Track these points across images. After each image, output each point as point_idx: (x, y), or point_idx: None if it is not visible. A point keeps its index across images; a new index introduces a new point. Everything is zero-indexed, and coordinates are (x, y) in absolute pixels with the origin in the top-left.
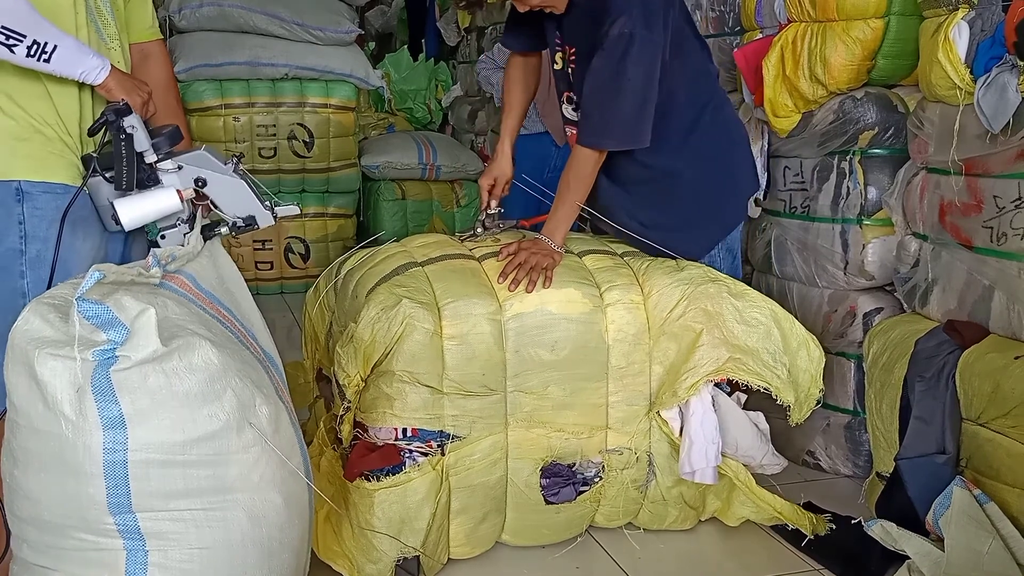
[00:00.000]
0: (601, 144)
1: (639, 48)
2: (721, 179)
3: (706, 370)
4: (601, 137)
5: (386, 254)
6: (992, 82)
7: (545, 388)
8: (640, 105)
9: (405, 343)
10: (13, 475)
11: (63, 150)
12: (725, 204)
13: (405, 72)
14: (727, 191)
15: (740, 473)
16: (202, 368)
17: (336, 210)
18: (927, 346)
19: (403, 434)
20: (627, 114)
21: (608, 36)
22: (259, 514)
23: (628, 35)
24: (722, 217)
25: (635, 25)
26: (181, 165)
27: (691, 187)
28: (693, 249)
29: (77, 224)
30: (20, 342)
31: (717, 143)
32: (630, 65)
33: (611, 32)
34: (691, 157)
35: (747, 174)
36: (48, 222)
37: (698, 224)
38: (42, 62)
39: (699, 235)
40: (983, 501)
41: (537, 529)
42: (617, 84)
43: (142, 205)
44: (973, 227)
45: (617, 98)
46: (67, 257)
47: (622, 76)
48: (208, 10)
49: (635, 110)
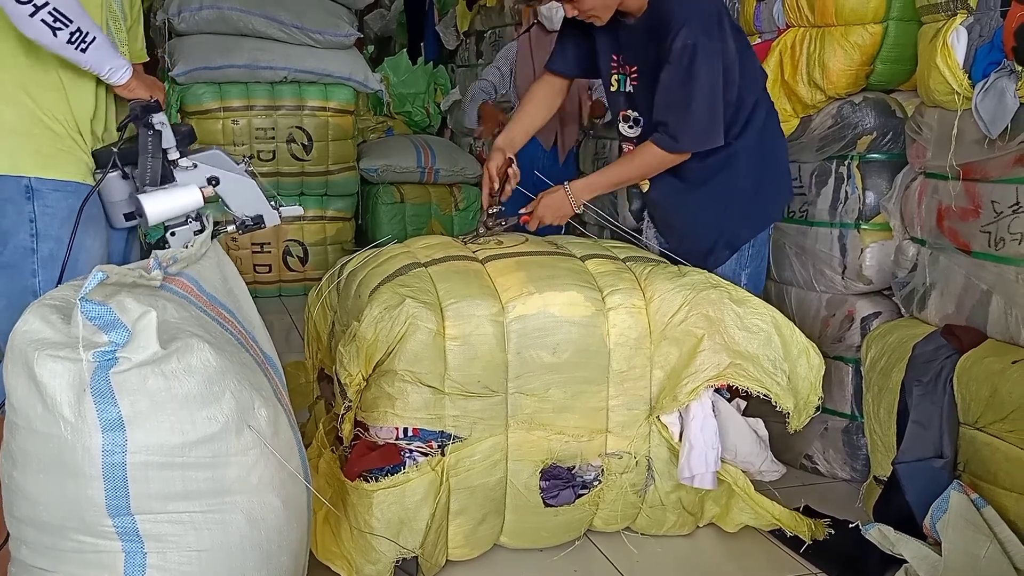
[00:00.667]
0: (679, 148)
1: (703, 55)
2: (770, 176)
3: (707, 375)
4: (679, 142)
5: (390, 254)
6: (990, 87)
7: (546, 390)
8: (711, 107)
9: (408, 343)
10: (12, 476)
11: (72, 146)
12: (767, 202)
13: (404, 76)
14: (771, 190)
15: (739, 479)
16: (200, 370)
17: (335, 213)
18: (925, 350)
19: (404, 434)
20: (700, 118)
21: (672, 50)
22: (258, 516)
23: (692, 46)
24: (762, 214)
25: (696, 35)
26: (196, 163)
27: (744, 177)
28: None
29: (88, 223)
30: (20, 344)
31: (770, 142)
32: (697, 72)
33: (675, 45)
34: (747, 147)
35: (787, 179)
36: (60, 220)
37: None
38: (79, 51)
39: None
40: (980, 505)
41: (536, 532)
42: (688, 91)
43: (167, 201)
44: (971, 232)
45: (690, 105)
46: (77, 256)
47: (691, 83)
48: (207, 13)
49: (707, 113)
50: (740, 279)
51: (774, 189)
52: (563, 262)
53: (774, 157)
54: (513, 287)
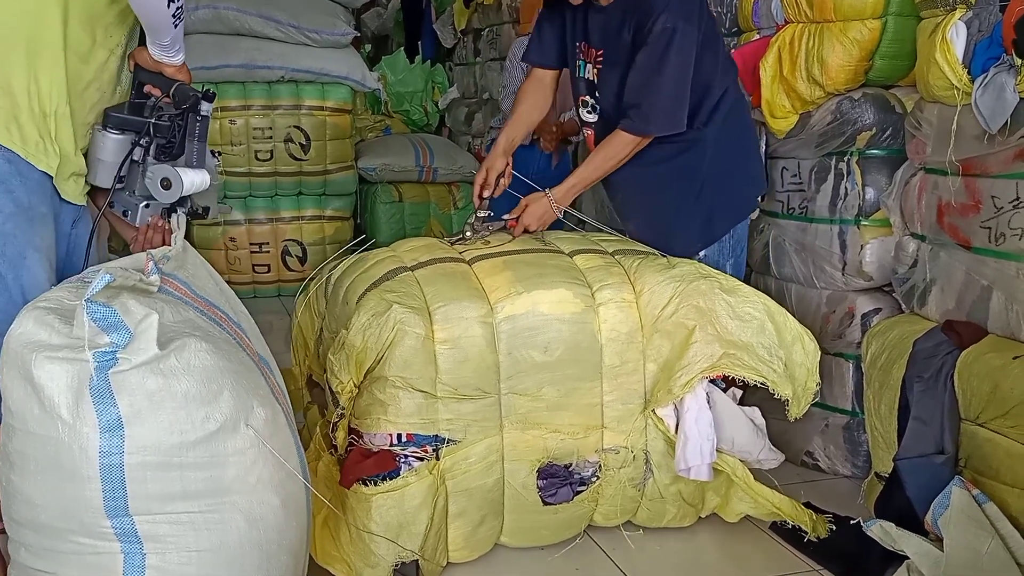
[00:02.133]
0: (647, 130)
1: (680, 40)
2: (739, 163)
3: (700, 367)
4: (647, 124)
5: (376, 259)
6: (990, 82)
7: (539, 389)
8: (679, 92)
9: (397, 348)
10: (10, 479)
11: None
12: (740, 190)
13: (401, 74)
14: (743, 177)
15: (737, 469)
16: (199, 369)
17: (333, 213)
18: (925, 346)
19: (398, 439)
20: (668, 101)
21: (652, 32)
22: (256, 516)
23: (671, 29)
24: (737, 202)
25: (676, 20)
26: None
27: (712, 163)
28: (707, 236)
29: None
30: (15, 346)
31: (737, 130)
32: (672, 56)
33: (654, 28)
34: (714, 134)
35: (759, 169)
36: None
37: (715, 206)
38: (173, 24)
39: (715, 220)
40: (982, 501)
41: (535, 530)
42: (660, 74)
43: (194, 178)
44: (971, 227)
45: (660, 87)
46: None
47: (664, 66)
48: (203, 13)
49: (675, 97)
50: (725, 270)
51: (745, 179)
52: (551, 259)
53: (743, 146)
54: (501, 287)
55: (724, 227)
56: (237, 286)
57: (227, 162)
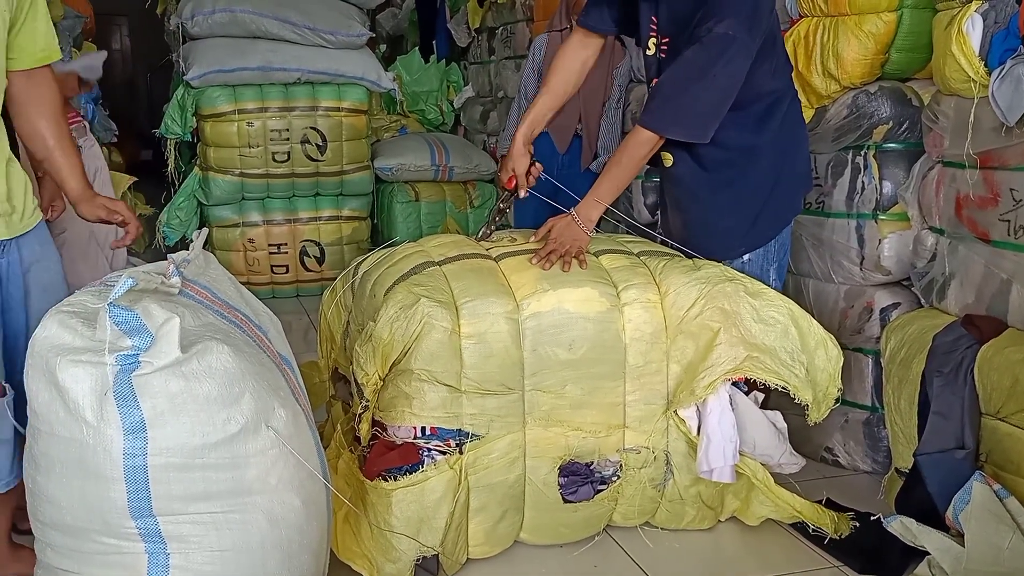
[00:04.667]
0: (667, 131)
1: (736, 51)
2: (792, 166)
3: (723, 369)
4: (670, 124)
5: (403, 254)
6: (1007, 74)
7: (563, 387)
8: (718, 103)
9: (423, 342)
10: (36, 480)
11: None
12: (791, 192)
13: (416, 74)
14: (793, 179)
15: (758, 472)
16: (220, 372)
17: (350, 213)
18: (945, 341)
19: (422, 432)
20: (704, 109)
21: (712, 32)
22: (278, 516)
23: (732, 37)
24: (787, 205)
25: (740, 29)
26: None
27: (770, 168)
28: (751, 239)
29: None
30: (40, 349)
31: (793, 132)
32: (723, 64)
33: (716, 29)
34: (772, 138)
35: (806, 167)
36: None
37: (764, 210)
38: None
39: (761, 224)
40: (1003, 496)
41: (555, 528)
42: (705, 79)
43: None
44: (990, 221)
45: (700, 92)
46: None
47: (711, 72)
48: (220, 16)
49: (712, 107)
50: (769, 275)
51: (795, 182)
52: None
53: (795, 149)
54: (527, 284)
55: (771, 231)
56: (256, 287)
57: (245, 164)
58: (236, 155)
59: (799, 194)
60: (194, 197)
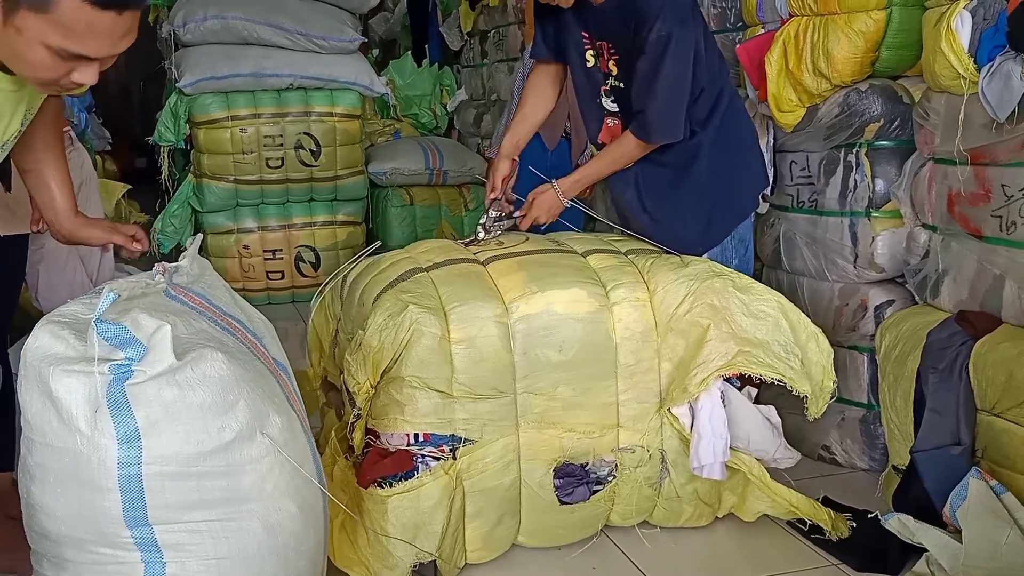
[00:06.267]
0: (652, 139)
1: (675, 46)
2: (737, 163)
3: (715, 365)
4: (650, 132)
5: (391, 261)
6: (996, 71)
7: (555, 389)
8: (678, 99)
9: (413, 348)
10: (30, 491)
11: None
12: (741, 189)
13: (409, 78)
14: (742, 176)
15: (753, 467)
16: (215, 379)
17: (345, 218)
18: (939, 337)
19: (415, 439)
20: (667, 108)
21: (648, 40)
22: (274, 523)
23: (667, 36)
24: (738, 203)
25: (671, 25)
26: None
27: (710, 165)
28: (708, 238)
29: None
30: (33, 360)
31: (734, 128)
32: (668, 62)
33: (650, 37)
34: (712, 136)
35: (759, 166)
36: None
37: (715, 208)
38: None
39: (715, 222)
40: (1000, 491)
41: (552, 530)
42: (656, 82)
43: None
44: (982, 217)
45: (658, 95)
46: None
47: (660, 73)
48: (212, 23)
49: (673, 104)
50: None
51: (745, 178)
52: (565, 259)
53: (741, 145)
54: (515, 287)
55: (725, 229)
56: (252, 293)
57: (239, 170)
58: (230, 161)
59: (753, 192)
60: (188, 204)
